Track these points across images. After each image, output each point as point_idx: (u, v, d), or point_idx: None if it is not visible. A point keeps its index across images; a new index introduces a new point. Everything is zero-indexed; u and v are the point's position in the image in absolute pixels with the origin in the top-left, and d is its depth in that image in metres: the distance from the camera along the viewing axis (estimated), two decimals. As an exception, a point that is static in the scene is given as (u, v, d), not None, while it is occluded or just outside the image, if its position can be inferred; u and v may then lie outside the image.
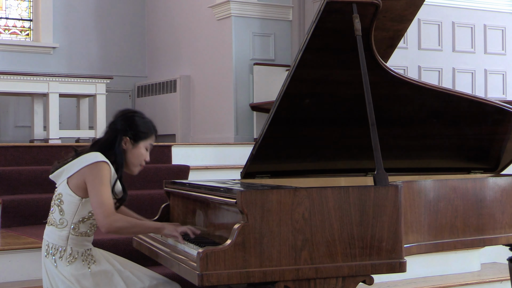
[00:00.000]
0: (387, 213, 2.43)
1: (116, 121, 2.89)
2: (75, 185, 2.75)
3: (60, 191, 2.79)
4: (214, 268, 2.25)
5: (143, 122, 2.90)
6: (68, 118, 7.47)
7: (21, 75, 6.59)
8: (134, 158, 2.87)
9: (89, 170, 2.72)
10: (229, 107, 6.71)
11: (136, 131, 2.86)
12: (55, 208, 2.79)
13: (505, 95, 7.28)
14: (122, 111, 2.95)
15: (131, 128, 2.85)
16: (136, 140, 2.86)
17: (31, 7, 8.09)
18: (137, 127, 2.87)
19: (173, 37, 7.85)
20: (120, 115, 2.91)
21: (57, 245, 2.76)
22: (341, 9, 2.67)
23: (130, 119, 2.88)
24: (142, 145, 2.88)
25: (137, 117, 2.91)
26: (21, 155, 4.77)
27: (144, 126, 2.89)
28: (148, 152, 2.91)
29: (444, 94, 3.14)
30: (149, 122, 2.94)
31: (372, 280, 2.44)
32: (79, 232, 2.77)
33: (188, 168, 5.01)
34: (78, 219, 2.76)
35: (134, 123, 2.87)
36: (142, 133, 2.88)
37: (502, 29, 7.26)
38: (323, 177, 3.32)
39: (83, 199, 2.75)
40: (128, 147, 2.85)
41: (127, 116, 2.90)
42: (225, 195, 2.50)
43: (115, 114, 2.95)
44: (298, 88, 2.90)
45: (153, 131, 2.93)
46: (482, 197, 2.94)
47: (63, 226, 2.76)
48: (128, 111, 2.95)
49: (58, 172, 2.82)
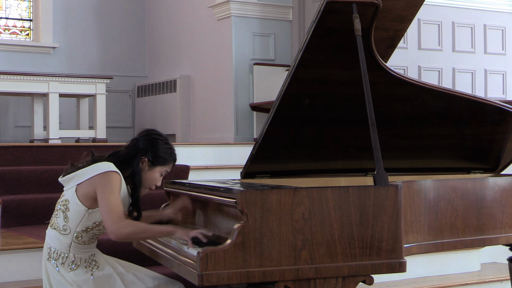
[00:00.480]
0: (387, 213, 2.43)
1: (139, 139, 2.87)
2: (84, 193, 2.71)
3: (68, 198, 2.74)
4: (214, 268, 2.25)
5: (166, 148, 2.88)
6: (68, 118, 7.47)
7: (21, 75, 6.59)
8: (146, 180, 2.85)
9: (99, 179, 2.69)
10: (229, 107, 6.71)
11: (157, 155, 2.84)
12: (60, 213, 2.75)
13: (505, 95, 7.28)
14: (148, 131, 2.93)
15: (153, 151, 2.83)
16: (153, 164, 2.83)
17: (31, 7, 8.08)
18: (158, 151, 2.84)
19: (173, 37, 7.85)
20: (145, 134, 2.89)
21: (59, 250, 2.73)
22: (341, 9, 2.67)
23: (154, 141, 2.86)
24: (158, 170, 2.86)
25: (161, 141, 2.88)
26: (21, 155, 4.77)
27: (165, 152, 2.87)
28: (161, 178, 2.89)
29: (444, 94, 3.14)
30: (171, 149, 2.91)
31: (372, 280, 2.44)
32: (82, 241, 2.74)
33: (188, 168, 5.01)
34: (81, 229, 2.73)
35: (156, 146, 2.85)
36: (162, 159, 2.85)
37: (502, 29, 7.26)
38: (323, 177, 3.32)
39: (90, 209, 2.71)
40: (144, 168, 2.83)
41: (152, 137, 2.87)
42: (225, 195, 2.50)
43: (140, 131, 2.93)
44: (298, 88, 2.90)
45: (172, 159, 2.90)
46: (482, 197, 2.94)
47: (66, 233, 2.73)
48: (154, 133, 2.92)
49: (69, 177, 2.78)
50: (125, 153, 2.83)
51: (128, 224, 2.64)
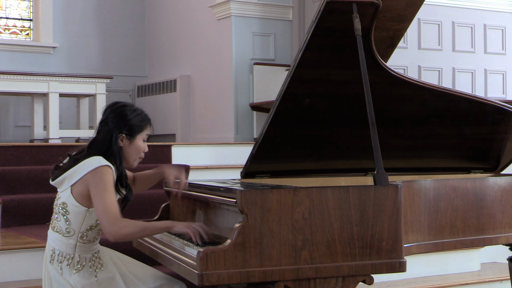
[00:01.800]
0: (387, 213, 2.44)
1: (107, 118, 2.76)
2: (79, 193, 2.65)
3: (65, 201, 2.69)
4: (214, 268, 2.25)
5: (136, 115, 2.77)
6: (68, 118, 7.47)
7: (21, 75, 6.59)
8: (132, 153, 2.77)
9: (91, 176, 2.62)
10: (229, 107, 6.71)
11: (131, 126, 2.74)
12: (60, 217, 2.70)
13: (505, 95, 7.28)
14: (111, 106, 2.81)
15: (125, 124, 2.73)
16: (132, 135, 2.75)
17: (31, 7, 8.09)
18: (130, 122, 2.75)
19: (173, 37, 7.85)
20: (110, 112, 2.77)
21: (64, 252, 2.68)
22: (341, 9, 2.67)
23: (121, 114, 2.75)
24: (139, 138, 2.77)
25: (128, 110, 2.77)
26: (21, 155, 4.77)
27: (137, 119, 2.76)
28: (146, 143, 2.81)
29: (444, 94, 3.13)
30: (141, 113, 2.80)
31: (372, 279, 2.44)
32: (87, 240, 2.70)
33: (188, 168, 5.01)
34: (86, 228, 2.69)
35: (126, 118, 2.74)
36: (137, 127, 2.76)
37: (502, 29, 7.26)
38: (323, 177, 3.32)
39: (89, 209, 2.66)
40: (125, 143, 2.75)
41: (118, 111, 2.76)
42: (225, 195, 2.50)
43: (104, 110, 2.81)
44: (298, 88, 2.90)
45: (147, 121, 2.80)
46: (482, 197, 2.94)
47: (70, 235, 2.68)
48: (117, 106, 2.80)
49: (60, 179, 2.71)
50: (101, 138, 2.73)
51: (126, 225, 2.58)
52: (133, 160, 2.80)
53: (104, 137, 2.73)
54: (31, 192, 4.44)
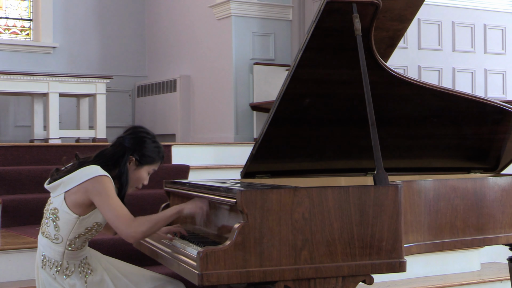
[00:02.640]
0: (387, 213, 2.44)
1: (125, 137, 2.77)
2: (74, 201, 2.63)
3: (56, 206, 2.67)
4: (214, 267, 2.25)
5: (154, 146, 2.78)
6: (68, 118, 7.47)
7: (21, 75, 6.59)
8: (133, 179, 2.77)
9: (92, 185, 2.60)
10: (229, 107, 6.71)
11: (144, 154, 2.76)
12: (50, 222, 2.68)
13: (505, 95, 7.28)
14: (134, 128, 2.84)
15: (140, 150, 2.75)
16: (141, 163, 2.75)
17: (31, 6, 8.09)
18: (146, 150, 2.76)
19: (173, 37, 7.85)
20: (131, 132, 2.80)
21: (53, 259, 2.69)
22: (341, 9, 2.67)
23: (141, 140, 2.77)
24: (145, 169, 2.78)
25: (149, 139, 2.78)
26: (21, 155, 4.77)
27: (153, 151, 2.78)
28: (148, 177, 2.82)
29: (444, 93, 3.13)
30: (159, 147, 2.81)
31: (372, 279, 2.44)
32: (75, 247, 2.70)
33: (188, 168, 5.02)
34: (74, 236, 2.68)
35: (144, 145, 2.76)
36: (150, 158, 2.77)
37: (502, 29, 7.26)
38: (323, 177, 3.32)
39: (80, 217, 2.64)
40: (131, 167, 2.75)
41: (139, 136, 2.78)
42: (225, 195, 2.50)
43: (126, 129, 2.83)
44: (298, 88, 2.90)
45: (160, 158, 2.81)
46: (482, 197, 2.94)
47: (58, 241, 2.67)
48: (141, 130, 2.82)
49: (55, 184, 2.69)
50: (112, 152, 2.74)
51: (140, 223, 2.58)
52: (130, 187, 2.79)
53: (115, 152, 2.74)
54: (31, 192, 4.44)
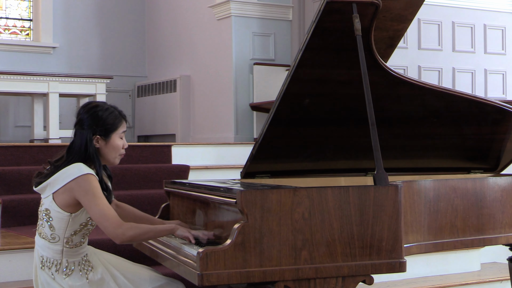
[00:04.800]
0: (387, 213, 2.43)
1: (80, 120, 2.73)
2: (62, 201, 2.64)
3: (47, 207, 2.68)
4: (214, 268, 2.25)
5: (108, 113, 2.73)
6: (68, 118, 7.45)
7: (21, 75, 6.59)
8: (110, 152, 2.74)
9: (77, 185, 2.60)
10: (229, 107, 6.71)
11: (104, 126, 2.71)
12: (44, 223, 2.70)
13: (505, 95, 7.28)
14: (83, 107, 2.78)
15: (98, 125, 2.70)
16: (107, 135, 2.72)
17: (31, 7, 8.09)
18: (103, 121, 2.71)
19: (173, 37, 7.85)
20: (83, 113, 2.74)
21: (52, 258, 2.69)
22: (341, 9, 2.67)
23: (94, 115, 2.71)
24: (114, 137, 2.73)
25: (100, 110, 2.73)
26: (21, 155, 4.77)
27: (110, 118, 2.73)
28: (124, 139, 2.78)
29: (444, 94, 3.14)
30: (114, 111, 2.76)
31: (372, 280, 2.44)
32: (73, 244, 2.70)
33: (188, 168, 5.01)
34: (70, 233, 2.68)
35: (99, 118, 2.71)
36: (111, 125, 2.73)
37: (502, 29, 7.26)
38: (323, 177, 3.32)
39: (72, 214, 2.65)
40: (101, 144, 2.72)
41: (90, 113, 2.72)
42: (225, 195, 2.50)
43: (77, 111, 2.79)
44: (298, 88, 2.90)
45: (121, 118, 2.77)
46: (482, 197, 2.94)
47: (56, 241, 2.68)
48: (89, 107, 2.77)
49: (42, 186, 2.71)
50: (79, 143, 2.71)
51: (130, 227, 2.60)
52: (113, 159, 2.78)
53: (80, 141, 2.71)
54: (31, 192, 4.38)
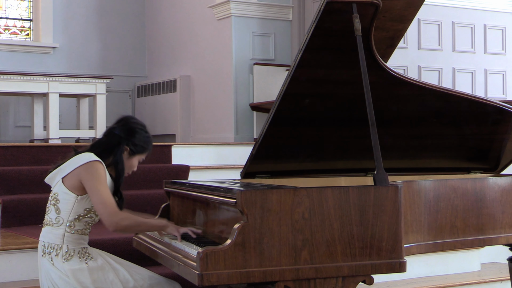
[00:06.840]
0: (387, 213, 2.44)
1: (119, 127, 2.91)
2: (71, 185, 2.78)
3: (56, 191, 2.82)
4: (214, 268, 2.25)
5: (145, 137, 2.94)
6: (68, 118, 7.47)
7: (21, 75, 6.59)
8: (126, 167, 2.91)
9: (84, 170, 2.76)
10: (229, 107, 6.71)
11: (136, 144, 2.90)
12: (51, 208, 2.82)
13: (505, 95, 7.28)
14: (126, 119, 2.96)
15: (133, 140, 2.88)
16: (133, 152, 2.90)
17: (31, 7, 8.08)
18: (138, 141, 2.90)
19: (173, 37, 7.85)
20: (124, 123, 2.93)
21: (52, 243, 2.79)
22: (341, 9, 2.67)
23: (134, 130, 2.91)
24: (136, 158, 2.93)
25: (141, 130, 2.93)
26: (21, 155, 4.77)
27: (145, 141, 2.93)
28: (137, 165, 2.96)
29: (444, 94, 3.14)
30: (150, 137, 2.97)
31: (372, 280, 2.44)
32: (75, 230, 2.80)
33: (188, 168, 5.01)
34: (74, 217, 2.79)
35: (136, 135, 2.90)
36: (141, 148, 2.92)
37: (502, 29, 7.26)
38: (323, 177, 3.32)
39: (79, 196, 2.78)
40: (125, 156, 2.89)
41: (131, 126, 2.92)
42: (225, 195, 2.50)
43: (118, 118, 2.96)
44: (298, 88, 2.90)
45: (149, 149, 2.97)
46: (482, 197, 2.94)
47: (59, 224, 2.79)
48: (132, 121, 2.96)
49: (53, 173, 2.85)
50: (106, 142, 2.88)
51: (125, 218, 2.74)
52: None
53: (110, 141, 2.88)
54: (31, 192, 4.44)
